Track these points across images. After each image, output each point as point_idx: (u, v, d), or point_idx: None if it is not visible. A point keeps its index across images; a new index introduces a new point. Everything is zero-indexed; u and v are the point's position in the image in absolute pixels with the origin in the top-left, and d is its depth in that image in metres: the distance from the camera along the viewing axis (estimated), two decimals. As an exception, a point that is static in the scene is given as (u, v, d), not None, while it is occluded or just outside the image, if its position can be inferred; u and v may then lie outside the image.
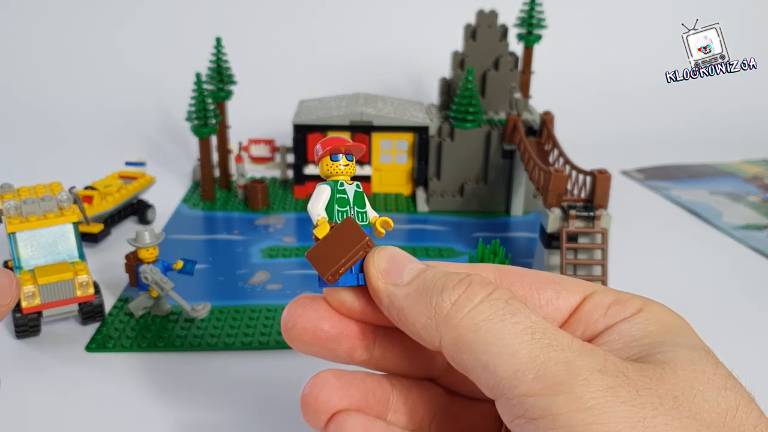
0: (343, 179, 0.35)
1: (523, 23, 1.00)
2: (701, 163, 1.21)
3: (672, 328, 0.33)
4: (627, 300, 0.35)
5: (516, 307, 0.31)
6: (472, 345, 0.30)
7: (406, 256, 0.35)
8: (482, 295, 0.31)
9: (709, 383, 0.29)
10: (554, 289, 0.36)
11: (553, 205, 0.74)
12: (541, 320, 0.30)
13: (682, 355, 0.30)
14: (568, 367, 0.28)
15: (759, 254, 0.88)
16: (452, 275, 0.33)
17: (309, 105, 1.05)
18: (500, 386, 0.29)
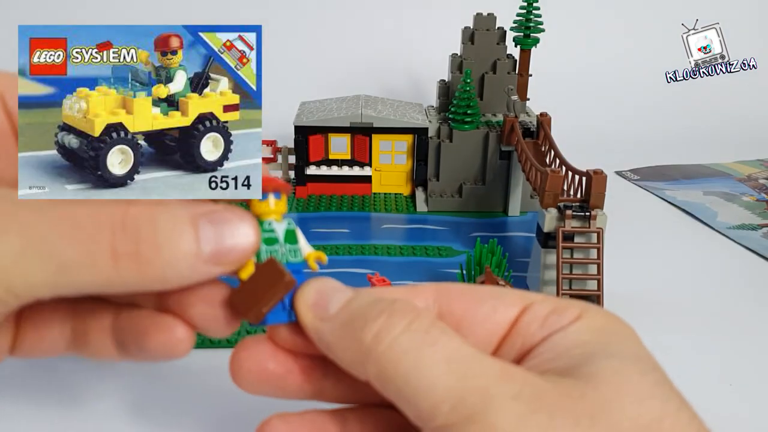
0: (273, 218, 0.35)
1: (520, 27, 1.00)
2: (695, 163, 1.22)
3: (607, 336, 0.33)
4: (565, 309, 0.35)
5: (435, 335, 0.30)
6: (394, 378, 0.30)
7: (334, 287, 0.35)
8: (402, 325, 0.31)
9: (632, 395, 0.29)
10: (491, 304, 0.36)
11: (550, 206, 0.74)
12: (461, 346, 0.30)
13: (607, 367, 0.30)
14: (482, 396, 0.28)
15: (753, 254, 0.88)
16: (375, 304, 0.32)
17: (310, 107, 1.06)
18: (421, 418, 0.30)
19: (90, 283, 0.30)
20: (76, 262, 0.29)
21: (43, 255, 0.28)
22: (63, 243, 0.29)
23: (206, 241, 0.32)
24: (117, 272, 0.30)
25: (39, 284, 0.29)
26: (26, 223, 0.28)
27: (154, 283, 0.31)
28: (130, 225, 0.30)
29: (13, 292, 0.28)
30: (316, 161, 1.02)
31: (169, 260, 0.31)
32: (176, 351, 0.35)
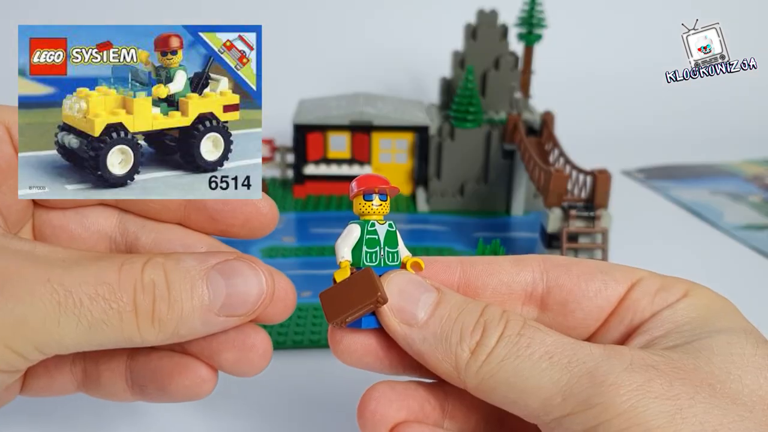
0: (375, 219, 0.35)
1: (523, 23, 1.00)
2: (702, 163, 1.21)
3: (714, 312, 0.33)
4: (672, 285, 0.35)
5: (528, 337, 0.30)
6: (497, 387, 0.30)
7: (418, 286, 0.34)
8: (496, 336, 0.31)
9: (749, 366, 0.29)
10: (601, 279, 0.36)
11: (554, 205, 0.74)
12: (556, 339, 0.30)
13: (719, 340, 0.30)
14: (591, 378, 0.28)
15: (760, 254, 0.88)
16: (467, 314, 0.32)
17: (309, 104, 1.04)
18: (534, 415, 0.30)
19: (115, 340, 0.30)
20: (105, 321, 0.29)
21: (75, 316, 0.29)
22: (93, 304, 0.29)
23: (217, 294, 0.32)
24: (138, 330, 0.30)
25: (67, 343, 0.29)
26: (58, 283, 0.29)
27: (171, 337, 0.31)
28: (147, 283, 0.31)
29: (41, 350, 0.29)
30: (315, 160, 1.01)
31: (182, 316, 0.31)
32: (200, 392, 0.36)
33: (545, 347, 0.30)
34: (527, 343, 0.30)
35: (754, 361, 0.29)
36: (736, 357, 0.29)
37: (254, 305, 0.33)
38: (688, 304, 0.34)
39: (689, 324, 0.32)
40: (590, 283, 0.35)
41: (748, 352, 0.30)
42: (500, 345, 0.30)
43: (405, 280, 0.34)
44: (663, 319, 0.33)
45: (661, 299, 0.34)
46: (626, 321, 0.35)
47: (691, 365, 0.29)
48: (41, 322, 0.28)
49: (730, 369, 0.29)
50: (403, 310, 0.33)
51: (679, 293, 0.34)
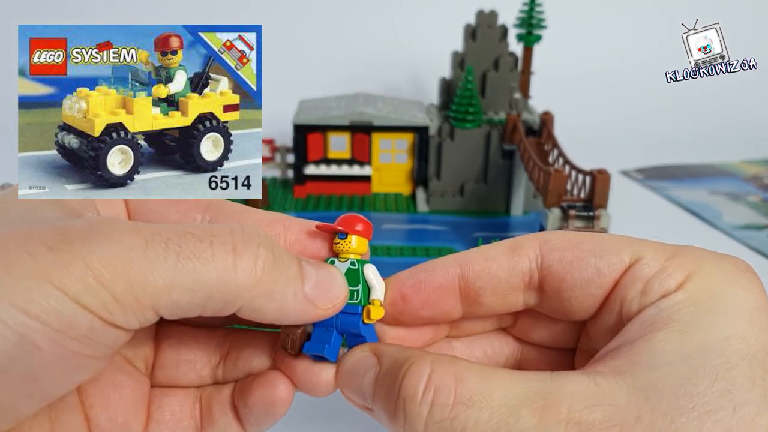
0: (352, 257, 0.36)
1: (522, 23, 1.00)
2: (701, 163, 1.21)
3: (702, 313, 0.30)
4: (673, 270, 0.32)
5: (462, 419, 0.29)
6: None
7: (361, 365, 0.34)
8: (423, 417, 0.30)
9: (696, 409, 0.28)
10: (594, 266, 0.34)
11: (553, 205, 0.74)
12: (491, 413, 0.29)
13: (678, 373, 0.29)
14: None
15: (759, 254, 0.88)
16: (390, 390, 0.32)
17: (309, 105, 1.05)
18: None
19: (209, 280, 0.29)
20: (195, 254, 0.29)
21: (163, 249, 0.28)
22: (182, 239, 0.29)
23: (308, 278, 0.32)
24: (234, 267, 0.30)
25: (157, 281, 0.28)
26: (144, 227, 0.29)
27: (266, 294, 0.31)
28: (250, 233, 0.31)
29: (134, 293, 0.28)
30: (315, 160, 1.01)
31: (282, 272, 0.31)
32: (275, 404, 0.36)
33: (480, 426, 0.29)
34: (461, 427, 0.29)
35: (703, 402, 0.27)
36: (684, 399, 0.27)
37: (335, 299, 0.34)
38: (676, 301, 0.31)
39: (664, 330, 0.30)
40: (582, 272, 0.34)
41: (700, 391, 0.28)
42: (432, 413, 0.30)
43: (350, 365, 0.35)
44: (643, 321, 0.32)
45: (652, 290, 0.32)
46: (615, 311, 0.33)
47: (632, 417, 0.27)
48: (129, 256, 0.27)
49: (674, 416, 0.27)
50: (355, 394, 0.34)
51: (675, 282, 0.32)
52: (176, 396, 0.37)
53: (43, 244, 0.26)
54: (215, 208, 0.37)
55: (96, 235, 0.27)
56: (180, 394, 0.37)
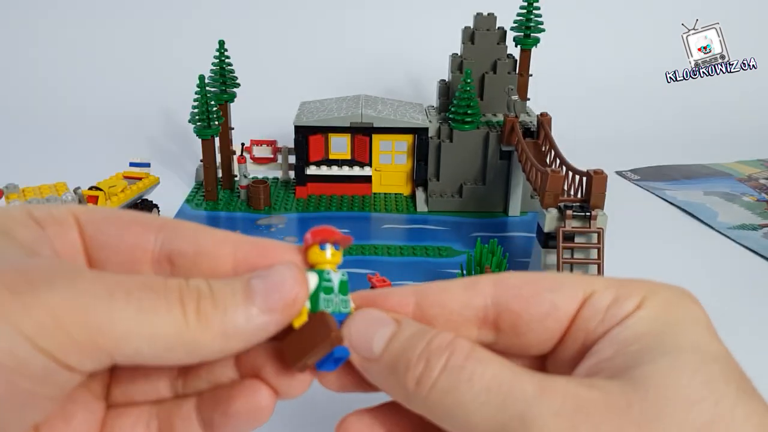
0: (329, 268, 0.36)
1: (520, 27, 1.01)
2: (696, 163, 1.22)
3: (667, 324, 0.32)
4: (627, 296, 0.34)
5: (470, 370, 0.30)
6: (442, 417, 0.31)
7: (376, 322, 0.35)
8: (440, 365, 0.31)
9: (681, 399, 0.28)
10: (549, 301, 0.35)
11: (550, 206, 0.75)
12: (496, 372, 0.30)
13: (660, 367, 0.30)
14: (522, 421, 0.28)
15: (754, 254, 0.89)
16: (414, 346, 0.33)
17: (310, 106, 1.06)
18: None
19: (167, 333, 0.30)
20: (154, 309, 0.30)
21: (125, 300, 0.29)
22: (142, 292, 0.30)
23: (257, 291, 0.32)
24: (187, 324, 0.31)
25: (122, 332, 0.29)
26: (109, 276, 0.30)
27: (219, 338, 0.32)
28: (192, 287, 0.31)
29: (94, 341, 0.29)
30: (316, 161, 1.02)
31: (225, 312, 0.31)
32: (259, 412, 0.36)
33: (484, 381, 0.30)
34: (468, 376, 0.30)
35: (688, 393, 0.29)
36: (670, 390, 0.29)
37: (291, 297, 0.33)
38: (640, 317, 0.33)
39: (638, 342, 0.32)
40: (538, 307, 0.35)
41: (684, 382, 0.29)
42: (443, 376, 0.31)
43: (364, 318, 0.35)
44: (611, 338, 0.33)
45: (612, 315, 0.33)
46: (579, 341, 0.34)
47: (623, 402, 0.28)
48: (92, 305, 0.28)
49: (662, 405, 0.28)
50: (360, 347, 0.34)
51: (632, 305, 0.33)
52: (129, 417, 0.37)
53: (6, 288, 0.27)
54: (170, 227, 0.38)
55: (60, 281, 0.28)
56: (133, 414, 0.37)
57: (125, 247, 0.37)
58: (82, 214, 0.37)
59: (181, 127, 1.24)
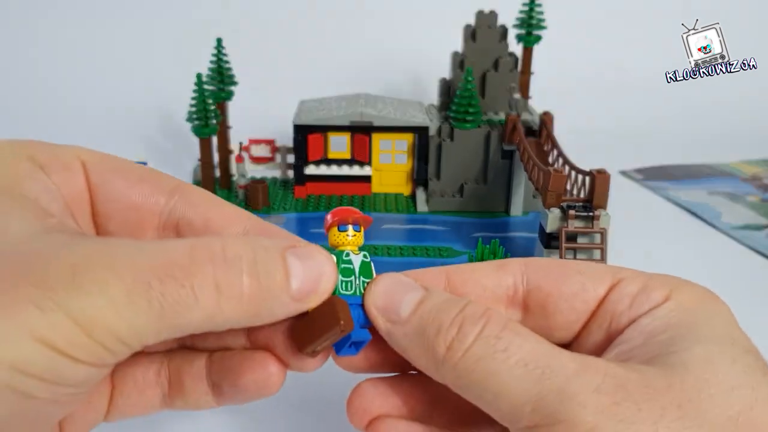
0: (350, 249, 0.35)
1: (522, 24, 1.00)
2: (700, 163, 1.21)
3: (696, 317, 0.32)
4: (655, 287, 0.34)
5: (507, 341, 0.30)
6: (472, 386, 0.30)
7: (403, 286, 0.35)
8: (474, 333, 0.31)
9: (722, 384, 0.28)
10: (579, 281, 0.35)
11: (553, 205, 0.74)
12: (534, 346, 0.30)
13: (696, 353, 0.30)
14: (561, 394, 0.28)
15: (758, 254, 0.88)
16: (446, 311, 0.32)
17: (309, 105, 1.05)
18: (505, 420, 0.30)
19: (194, 322, 0.29)
20: (178, 302, 0.28)
21: (146, 300, 0.28)
22: (164, 286, 0.28)
23: (295, 276, 0.31)
24: (220, 307, 0.29)
25: (145, 330, 0.28)
26: (123, 269, 0.28)
27: (251, 318, 0.31)
28: (232, 257, 0.30)
29: (122, 340, 0.28)
30: (316, 160, 1.01)
31: (267, 293, 0.31)
32: (269, 385, 0.36)
33: (522, 353, 0.30)
34: (504, 346, 0.30)
35: (727, 379, 0.29)
36: (710, 374, 0.29)
37: (324, 293, 0.33)
38: (669, 308, 0.33)
39: (668, 332, 0.32)
40: (568, 286, 0.36)
41: (723, 368, 0.29)
42: (477, 344, 0.30)
43: (391, 281, 0.35)
44: (641, 326, 0.33)
45: (640, 303, 0.34)
46: (605, 325, 0.35)
47: (663, 384, 0.28)
48: (114, 311, 0.27)
49: (702, 387, 0.28)
50: (387, 309, 0.34)
51: (660, 296, 0.34)
52: (138, 365, 0.37)
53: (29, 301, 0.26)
54: (181, 192, 0.36)
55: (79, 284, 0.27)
56: (143, 362, 0.37)
57: (131, 206, 0.36)
58: (90, 160, 0.36)
59: (178, 126, 1.23)
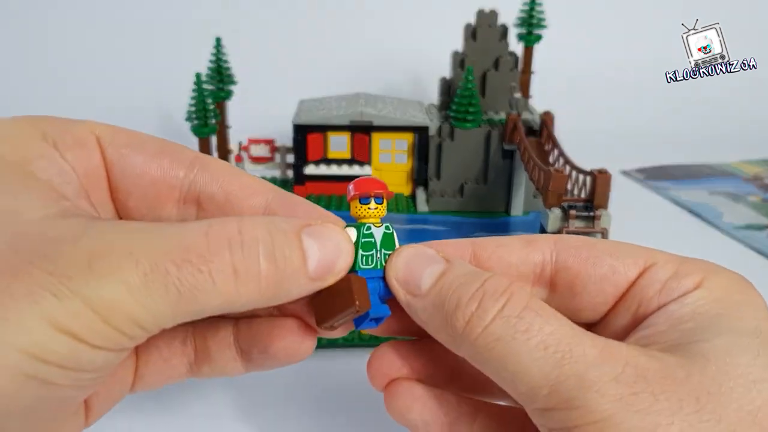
0: (372, 222, 0.35)
1: (523, 23, 1.00)
2: (701, 163, 1.21)
3: (726, 307, 0.32)
4: (687, 273, 0.34)
5: (528, 321, 0.30)
6: (489, 362, 0.30)
7: (425, 258, 0.34)
8: (495, 310, 0.30)
9: (742, 378, 0.28)
10: (609, 264, 0.35)
11: (554, 205, 0.74)
12: (555, 329, 0.30)
13: (719, 345, 0.29)
14: (579, 381, 0.28)
15: (759, 254, 0.88)
16: (467, 285, 0.32)
17: (309, 105, 1.04)
18: (521, 399, 0.30)
19: (213, 305, 0.29)
20: (196, 287, 0.28)
21: (163, 285, 0.28)
22: (181, 271, 0.28)
23: (311, 256, 0.32)
24: (237, 291, 0.29)
25: (163, 315, 0.28)
26: (140, 255, 0.28)
27: (269, 300, 0.31)
28: (249, 240, 0.30)
29: (140, 325, 0.28)
30: (315, 160, 1.01)
31: (285, 275, 0.31)
32: (300, 353, 0.36)
33: (542, 335, 0.29)
34: (526, 327, 0.30)
35: (749, 372, 0.28)
36: (731, 367, 0.28)
37: (341, 272, 0.33)
38: (699, 295, 0.33)
39: (694, 320, 0.31)
40: (597, 268, 0.35)
41: (744, 362, 0.29)
42: (497, 323, 0.30)
43: (413, 253, 0.35)
44: (668, 312, 0.33)
45: (670, 290, 0.33)
46: (632, 308, 0.34)
47: (683, 374, 0.28)
48: (131, 296, 0.27)
49: (722, 380, 0.28)
50: (408, 282, 0.34)
51: (692, 282, 0.33)
52: (163, 335, 0.36)
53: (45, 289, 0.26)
54: (201, 164, 0.36)
55: (96, 271, 0.27)
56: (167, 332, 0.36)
57: (150, 180, 0.35)
58: (104, 135, 0.36)
59: (177, 126, 1.23)
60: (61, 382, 0.27)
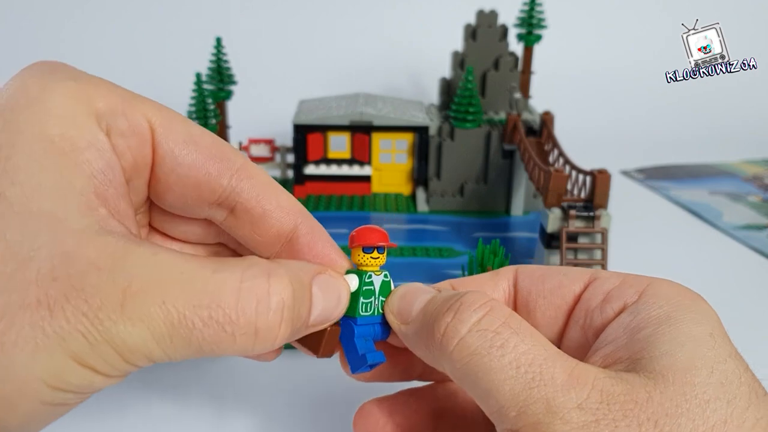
0: (371, 270, 0.37)
1: (523, 23, 1.00)
2: (701, 163, 1.21)
3: (678, 308, 0.33)
4: (630, 284, 0.35)
5: (505, 337, 0.30)
6: (465, 378, 0.31)
7: (417, 291, 0.36)
8: (471, 323, 0.31)
9: (697, 398, 0.29)
10: (557, 279, 0.37)
11: (553, 205, 0.74)
12: (529, 348, 0.30)
13: (681, 359, 0.30)
14: (547, 406, 0.28)
15: (759, 254, 0.87)
16: (446, 301, 0.33)
17: (309, 105, 1.04)
18: (492, 418, 0.30)
19: (222, 354, 0.31)
20: (217, 343, 0.30)
21: (186, 338, 0.29)
22: (206, 328, 0.29)
23: (316, 306, 0.34)
24: (253, 348, 0.31)
25: (177, 357, 0.30)
26: (171, 304, 0.29)
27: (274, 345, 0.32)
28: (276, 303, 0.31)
29: (153, 361, 0.29)
30: (315, 160, 1.01)
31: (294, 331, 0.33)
32: None
33: (516, 354, 0.30)
34: (501, 343, 0.30)
35: (703, 392, 0.29)
36: (688, 387, 0.29)
37: (333, 320, 0.35)
38: (647, 302, 0.34)
39: (649, 325, 0.32)
40: (547, 283, 0.37)
41: (699, 381, 0.29)
42: (474, 336, 0.31)
43: (407, 288, 0.37)
44: (624, 324, 0.33)
45: (613, 298, 0.35)
46: (580, 322, 0.36)
47: (644, 396, 0.29)
48: (155, 343, 0.28)
49: (679, 401, 0.29)
50: (401, 312, 0.36)
51: (635, 292, 0.35)
52: None
53: (77, 330, 0.27)
54: (246, 175, 0.37)
55: (125, 313, 0.28)
56: None
57: (194, 183, 0.36)
58: (160, 126, 0.36)
59: (178, 126, 1.23)
60: (71, 403, 0.29)
